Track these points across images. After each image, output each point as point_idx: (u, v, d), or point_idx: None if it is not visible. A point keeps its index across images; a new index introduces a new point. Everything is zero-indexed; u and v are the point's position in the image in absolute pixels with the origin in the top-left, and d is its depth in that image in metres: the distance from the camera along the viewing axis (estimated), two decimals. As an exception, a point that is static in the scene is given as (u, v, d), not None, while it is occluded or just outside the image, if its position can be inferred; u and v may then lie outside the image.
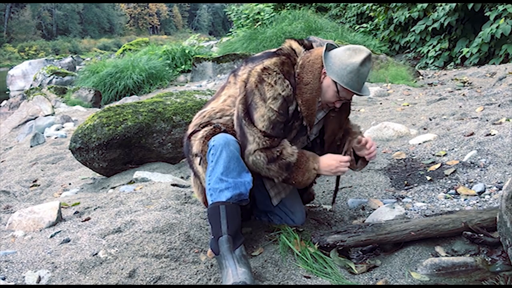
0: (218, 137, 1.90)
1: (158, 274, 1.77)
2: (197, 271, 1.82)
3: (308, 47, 2.06)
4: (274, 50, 2.03)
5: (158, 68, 10.42)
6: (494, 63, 8.02)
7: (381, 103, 5.57)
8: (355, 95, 2.05)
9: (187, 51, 11.57)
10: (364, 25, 13.03)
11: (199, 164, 1.99)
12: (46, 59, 18.64)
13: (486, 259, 1.85)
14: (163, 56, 11.29)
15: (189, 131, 2.11)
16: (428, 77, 7.80)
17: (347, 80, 1.91)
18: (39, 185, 3.70)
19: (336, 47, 2.02)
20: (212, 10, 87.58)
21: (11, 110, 8.90)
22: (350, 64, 1.91)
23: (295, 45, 2.03)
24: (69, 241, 2.04)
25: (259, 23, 12.45)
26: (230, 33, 14.53)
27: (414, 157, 3.25)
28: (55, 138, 5.69)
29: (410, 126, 4.16)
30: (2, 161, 4.91)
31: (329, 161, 2.00)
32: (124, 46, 15.22)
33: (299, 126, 2.03)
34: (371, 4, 12.44)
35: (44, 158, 4.62)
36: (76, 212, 2.47)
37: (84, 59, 24.41)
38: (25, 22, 57.78)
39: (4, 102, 9.82)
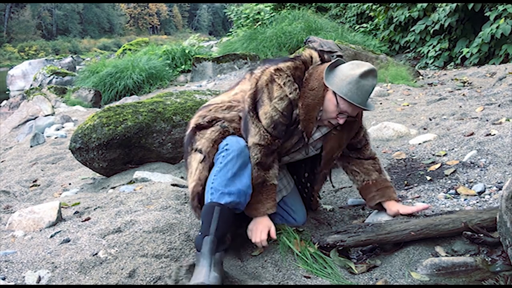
0: (232, 141, 1.92)
1: (158, 274, 1.77)
2: (197, 271, 1.82)
3: (326, 60, 2.08)
4: (293, 56, 2.08)
5: (158, 68, 10.42)
6: (494, 63, 8.01)
7: (381, 103, 5.57)
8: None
9: (187, 51, 11.58)
10: (364, 25, 13.03)
11: (200, 162, 1.99)
12: (46, 59, 18.65)
13: (486, 259, 1.85)
14: (163, 56, 11.30)
15: (194, 120, 2.12)
16: (428, 77, 7.79)
17: (345, 91, 1.91)
18: (39, 185, 3.70)
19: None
20: (212, 10, 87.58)
21: (11, 110, 8.90)
22: (349, 75, 1.92)
23: (314, 54, 2.07)
24: (69, 241, 2.04)
25: (259, 23, 12.46)
26: (230, 33, 14.54)
27: (414, 157, 3.25)
28: (55, 138, 5.69)
29: (410, 126, 4.16)
30: (2, 161, 4.92)
31: (260, 227, 1.97)
32: (124, 46, 15.23)
33: (300, 133, 2.05)
34: (371, 4, 12.44)
35: (44, 158, 4.62)
36: (76, 212, 2.47)
37: (84, 59, 24.41)
38: (25, 22, 57.75)
39: (4, 102, 9.81)
